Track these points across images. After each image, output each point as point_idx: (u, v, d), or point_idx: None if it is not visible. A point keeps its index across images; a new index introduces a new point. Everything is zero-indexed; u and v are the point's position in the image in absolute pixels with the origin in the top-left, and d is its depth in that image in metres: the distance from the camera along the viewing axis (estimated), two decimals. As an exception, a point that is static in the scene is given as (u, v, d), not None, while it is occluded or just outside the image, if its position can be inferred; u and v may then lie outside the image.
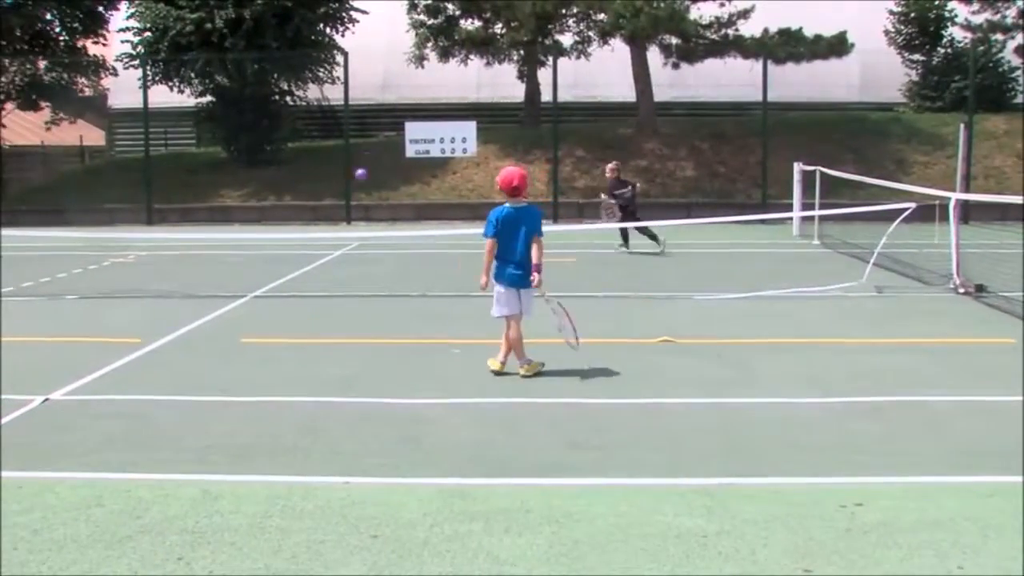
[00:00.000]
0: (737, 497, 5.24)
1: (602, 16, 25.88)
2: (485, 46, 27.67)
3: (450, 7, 27.71)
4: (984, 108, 26.18)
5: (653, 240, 16.56)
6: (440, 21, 27.81)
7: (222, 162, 27.53)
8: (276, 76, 27.04)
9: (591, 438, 6.37)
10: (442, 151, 24.57)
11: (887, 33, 30.15)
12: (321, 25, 26.92)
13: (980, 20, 28.52)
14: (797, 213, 18.92)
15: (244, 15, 24.62)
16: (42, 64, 28.54)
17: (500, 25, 27.45)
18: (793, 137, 24.85)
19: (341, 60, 25.58)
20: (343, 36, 27.35)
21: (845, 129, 26.38)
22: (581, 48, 27.68)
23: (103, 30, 29.58)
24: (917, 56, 30.21)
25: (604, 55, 27.51)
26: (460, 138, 24.52)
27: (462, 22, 27.87)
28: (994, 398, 7.26)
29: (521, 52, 27.92)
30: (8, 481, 5.55)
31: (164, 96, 27.45)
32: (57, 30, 29.43)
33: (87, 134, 39.48)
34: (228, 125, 27.10)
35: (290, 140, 28.13)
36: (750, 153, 25.18)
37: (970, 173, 20.73)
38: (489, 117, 28.67)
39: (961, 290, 12.00)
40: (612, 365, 8.32)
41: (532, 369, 8.03)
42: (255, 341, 9.59)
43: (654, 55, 26.44)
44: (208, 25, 24.73)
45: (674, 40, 25.75)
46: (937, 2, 29.53)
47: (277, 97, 27.69)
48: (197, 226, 23.07)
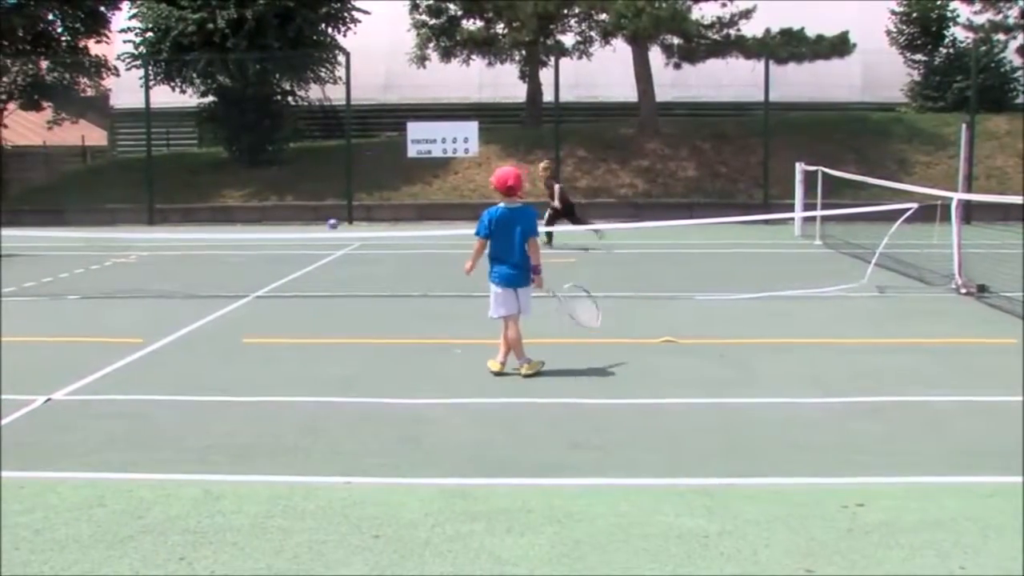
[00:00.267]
0: (738, 497, 5.24)
1: (604, 16, 25.89)
2: (487, 46, 27.67)
3: (452, 7, 27.71)
4: (986, 108, 26.18)
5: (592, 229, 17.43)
6: (442, 21, 27.82)
7: (224, 162, 27.55)
8: (278, 76, 27.06)
9: (592, 438, 6.37)
10: (444, 151, 24.58)
11: (889, 33, 30.14)
12: (323, 25, 26.93)
13: (982, 20, 28.52)
14: (799, 213, 18.92)
15: (246, 15, 24.63)
16: (44, 64, 28.58)
17: (502, 25, 27.46)
18: (795, 137, 24.85)
19: (343, 60, 25.59)
20: (345, 36, 27.36)
21: (847, 129, 26.37)
22: (583, 48, 27.69)
23: (105, 30, 29.62)
24: (919, 56, 30.19)
25: (606, 55, 27.53)
26: (462, 138, 24.53)
27: (464, 22, 27.88)
28: (995, 398, 7.26)
29: (523, 52, 27.93)
30: (10, 481, 5.56)
31: (166, 96, 27.47)
32: (59, 30, 29.48)
33: (89, 134, 39.51)
34: (230, 125, 27.11)
35: (292, 140, 28.14)
36: (752, 153, 25.18)
37: (972, 173, 20.69)
38: (491, 117, 28.67)
39: (963, 290, 12.00)
40: (613, 365, 8.33)
41: (532, 368, 8.03)
42: (257, 341, 9.59)
43: (656, 55, 26.44)
44: (210, 25, 24.74)
45: (676, 40, 25.75)
46: (939, 2, 29.51)
47: (279, 97, 27.70)
48: (199, 226, 23.08)
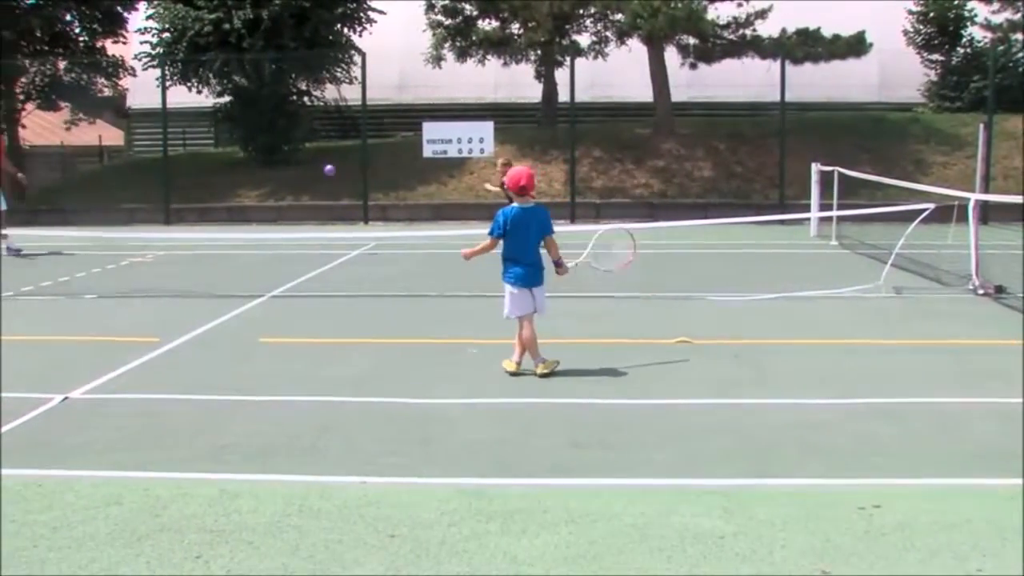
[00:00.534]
0: (754, 498, 5.23)
1: (619, 16, 25.85)
2: (502, 46, 27.65)
3: (467, 8, 27.70)
4: (1004, 108, 26.01)
5: None
6: (457, 21, 27.80)
7: (240, 162, 27.61)
8: (293, 76, 27.11)
9: (607, 438, 6.37)
10: (459, 151, 24.56)
11: (906, 33, 30.01)
12: (338, 25, 26.94)
13: (1000, 19, 28.34)
14: (815, 214, 18.86)
15: (262, 15, 24.67)
16: (62, 64, 28.68)
17: (517, 25, 27.43)
18: (811, 137, 24.77)
19: (359, 60, 25.60)
20: (360, 36, 27.38)
21: (863, 129, 26.27)
22: (598, 48, 27.62)
23: (122, 30, 29.72)
24: (936, 56, 30.05)
25: (621, 55, 27.47)
26: (477, 138, 24.51)
27: (479, 22, 27.86)
28: (1012, 400, 7.21)
29: (538, 52, 27.88)
30: (28, 479, 5.59)
31: (182, 96, 27.55)
32: (76, 30, 29.57)
33: (106, 134, 39.69)
34: (246, 125, 27.16)
35: (307, 140, 28.18)
36: (768, 153, 25.11)
37: (989, 174, 20.58)
38: (506, 117, 28.65)
39: (980, 291, 11.94)
40: (628, 365, 8.32)
41: (548, 367, 8.03)
42: (273, 341, 9.62)
43: (671, 55, 26.38)
44: (226, 25, 24.80)
45: (691, 40, 25.68)
46: (956, 1, 29.35)
47: (294, 97, 27.74)
48: (215, 226, 23.12)
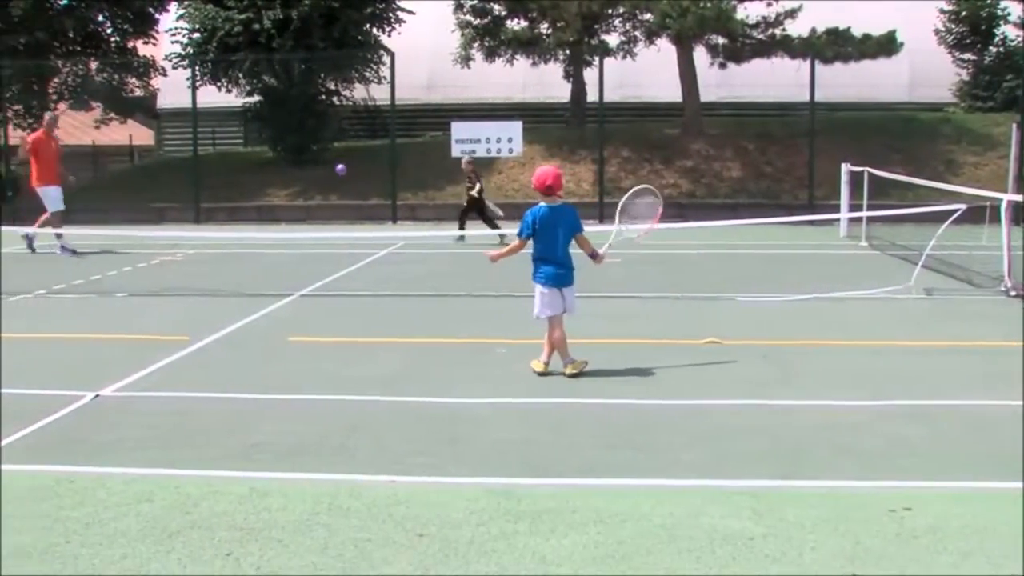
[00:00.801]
0: (784, 499, 5.21)
1: (648, 16, 25.79)
2: (531, 46, 27.65)
3: (496, 7, 27.73)
4: (1036, 108, 25.82)
5: (495, 229, 18.22)
6: (486, 21, 27.83)
7: (269, 161, 27.75)
8: (323, 76, 27.22)
9: (636, 438, 6.36)
10: (488, 151, 24.57)
11: (937, 32, 29.83)
12: (367, 25, 27.03)
13: (1033, 18, 28.15)
14: (844, 214, 18.76)
15: (291, 15, 24.79)
16: (93, 65, 28.93)
17: (546, 25, 27.43)
18: (840, 137, 24.63)
19: (387, 60, 25.67)
20: (389, 36, 27.46)
21: (893, 129, 26.11)
22: (627, 48, 27.58)
23: (153, 31, 29.97)
24: (968, 55, 29.85)
25: (650, 55, 27.42)
26: (506, 138, 24.52)
27: (508, 22, 27.88)
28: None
29: (567, 52, 27.88)
30: (60, 475, 5.64)
31: (212, 96, 27.72)
32: (108, 31, 29.83)
33: (136, 133, 39.98)
34: (275, 125, 27.30)
35: (336, 140, 28.28)
36: (797, 154, 25.00)
37: (1022, 174, 20.42)
38: (535, 117, 28.65)
39: (1012, 293, 11.84)
40: (657, 366, 8.30)
41: (576, 368, 8.02)
42: (301, 340, 9.65)
43: (700, 55, 26.31)
44: (256, 26, 24.93)
45: (721, 40, 25.61)
46: (989, 0, 29.15)
47: (323, 97, 27.85)
48: (244, 225, 23.26)
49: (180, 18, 26.94)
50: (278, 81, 26.08)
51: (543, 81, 30.60)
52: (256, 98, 27.48)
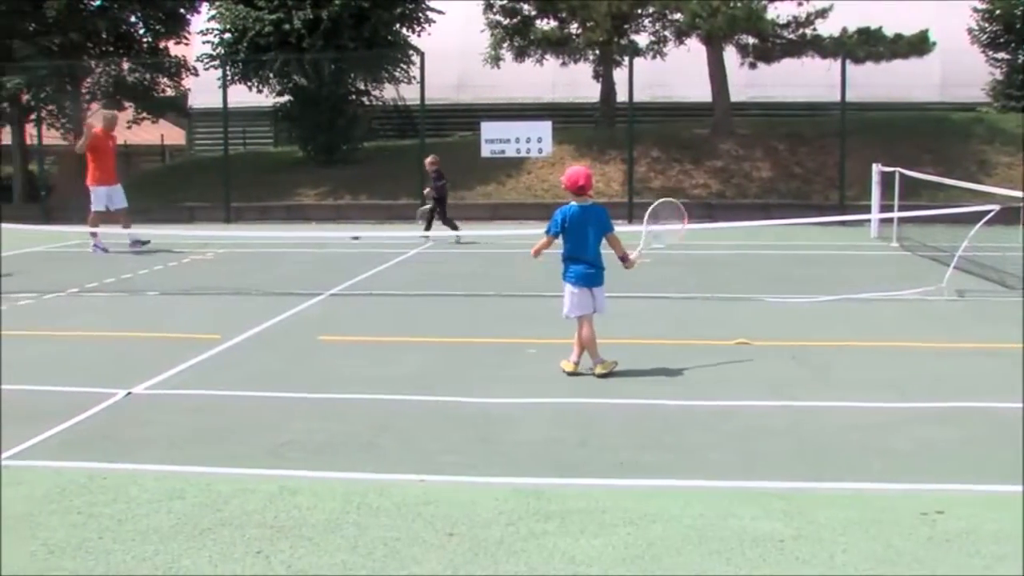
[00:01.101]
0: (815, 501, 5.19)
1: (678, 16, 25.70)
2: (561, 46, 27.62)
3: (526, 7, 27.73)
4: (1071, 108, 25.61)
5: (454, 231, 18.62)
6: (516, 21, 27.84)
7: (299, 161, 27.87)
8: (353, 76, 27.29)
9: (666, 439, 6.35)
10: (517, 151, 24.58)
11: (970, 31, 29.56)
12: (397, 25, 27.10)
13: (1069, 17, 27.86)
14: (875, 215, 18.64)
15: (322, 16, 24.88)
16: (126, 65, 29.15)
17: (576, 25, 27.40)
18: (871, 138, 24.48)
19: (417, 60, 25.73)
20: (419, 36, 27.52)
21: (925, 129, 25.91)
22: (657, 48, 27.51)
23: (184, 31, 30.16)
24: (1002, 55, 29.56)
25: (680, 55, 27.34)
26: (536, 138, 24.50)
27: (537, 22, 27.87)
28: (1080, 405, 7.08)
29: (597, 52, 27.84)
30: (93, 471, 5.70)
31: (243, 96, 27.87)
32: (141, 32, 30.06)
33: (168, 133, 40.24)
34: (305, 124, 27.43)
35: (366, 140, 28.38)
36: (827, 154, 24.87)
37: (1056, 174, 20.28)
38: (564, 117, 28.65)
39: (1046, 294, 11.75)
40: (687, 366, 8.29)
41: (606, 368, 8.02)
42: (331, 339, 9.69)
43: (730, 55, 26.22)
44: (286, 26, 25.04)
45: (751, 40, 25.50)
46: (1024, -1, 28.88)
47: (353, 97, 27.94)
48: (274, 224, 23.38)
49: (211, 19, 27.10)
50: (308, 81, 26.19)
51: (573, 81, 30.58)
52: (286, 98, 27.61)
